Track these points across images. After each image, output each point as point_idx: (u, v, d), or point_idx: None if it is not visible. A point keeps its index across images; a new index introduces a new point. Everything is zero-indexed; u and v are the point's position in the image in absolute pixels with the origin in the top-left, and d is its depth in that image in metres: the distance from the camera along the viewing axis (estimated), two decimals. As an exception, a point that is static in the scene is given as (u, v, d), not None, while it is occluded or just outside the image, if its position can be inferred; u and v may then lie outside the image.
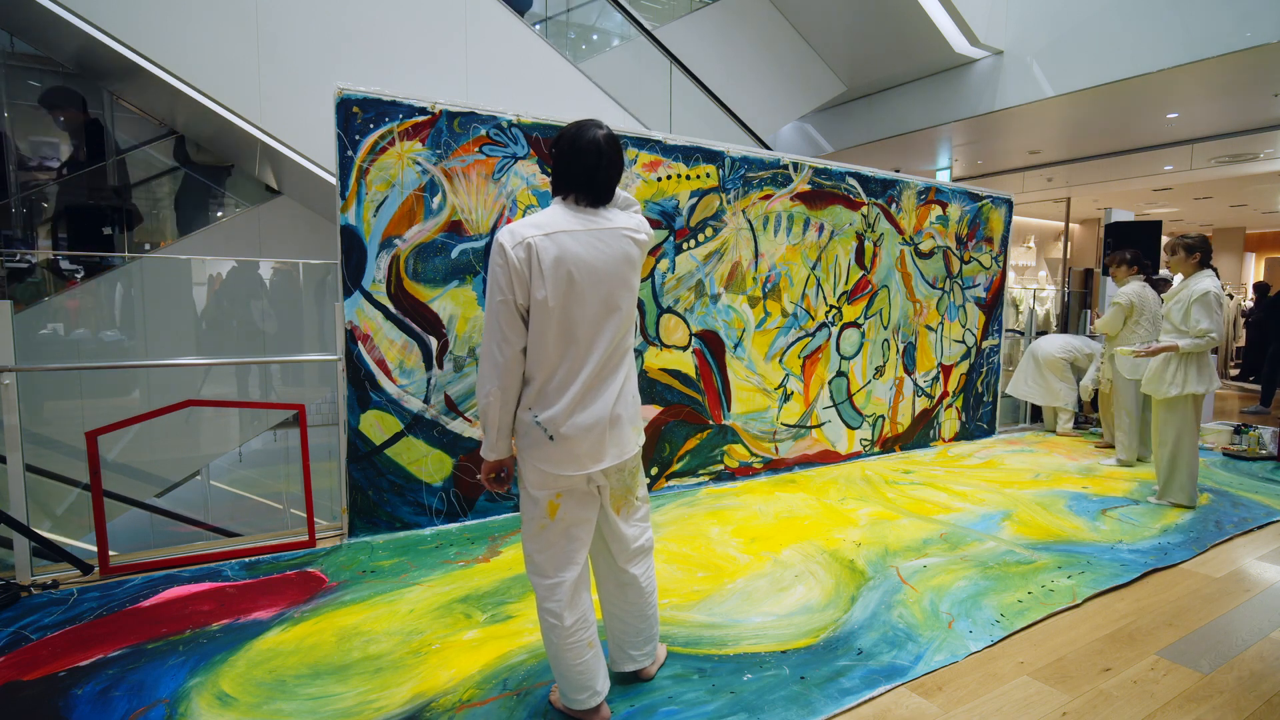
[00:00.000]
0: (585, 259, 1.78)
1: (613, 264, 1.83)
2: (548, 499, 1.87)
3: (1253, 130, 7.87)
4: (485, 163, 3.45)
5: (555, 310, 1.76)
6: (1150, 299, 4.95)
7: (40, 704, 1.99)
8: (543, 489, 1.86)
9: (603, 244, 1.82)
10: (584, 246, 1.79)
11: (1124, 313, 4.94)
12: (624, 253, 1.85)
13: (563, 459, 1.82)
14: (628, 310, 1.89)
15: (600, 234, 1.82)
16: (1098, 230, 11.63)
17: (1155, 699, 2.16)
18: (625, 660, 2.12)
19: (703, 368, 4.26)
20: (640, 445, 1.97)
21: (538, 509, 1.89)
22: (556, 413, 1.80)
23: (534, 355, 1.80)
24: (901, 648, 2.40)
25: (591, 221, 1.82)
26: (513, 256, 1.73)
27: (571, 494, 1.88)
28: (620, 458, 1.89)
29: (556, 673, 1.93)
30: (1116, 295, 5.01)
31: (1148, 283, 5.08)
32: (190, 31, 3.86)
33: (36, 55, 5.09)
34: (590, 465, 1.84)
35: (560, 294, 1.75)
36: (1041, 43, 6.93)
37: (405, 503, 3.37)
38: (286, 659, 2.26)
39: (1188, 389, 3.90)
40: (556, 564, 1.89)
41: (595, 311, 1.81)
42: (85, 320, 4.72)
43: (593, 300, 1.80)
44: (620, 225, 1.87)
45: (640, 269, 1.93)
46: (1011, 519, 3.76)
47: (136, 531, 4.82)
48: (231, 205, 5.72)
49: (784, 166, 4.50)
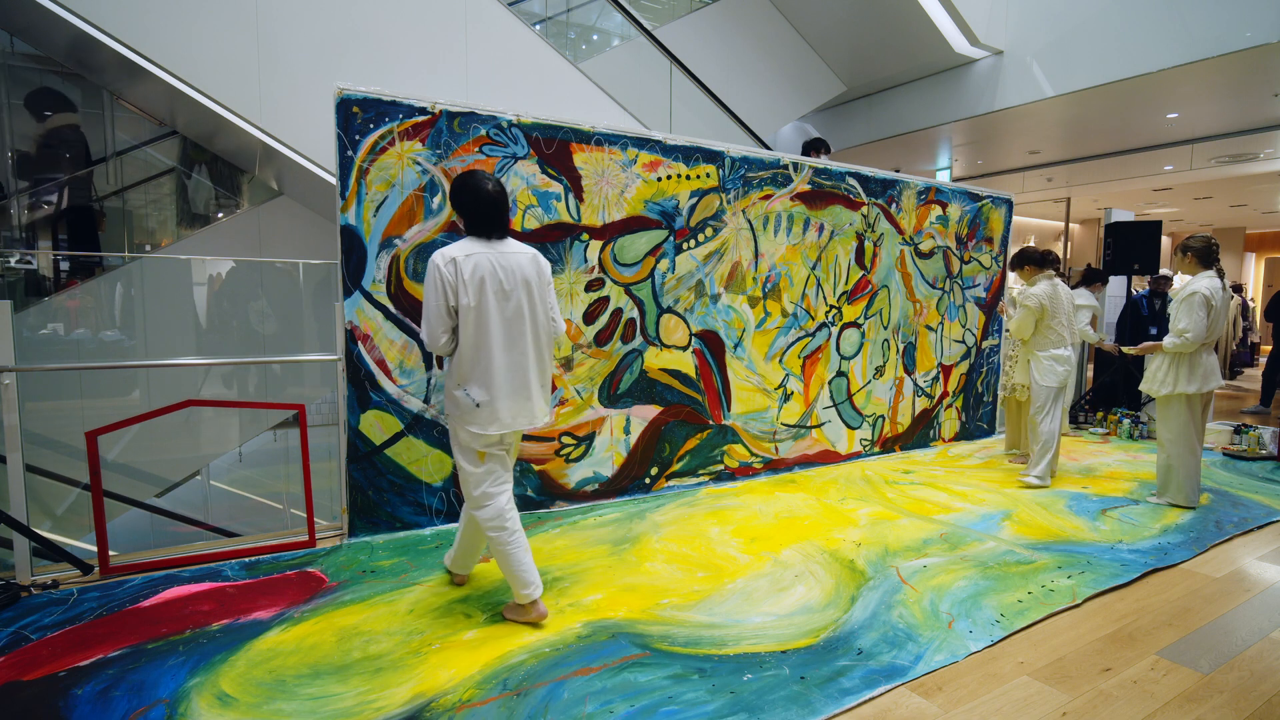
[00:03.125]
0: (494, 274, 2.42)
1: (514, 278, 2.46)
2: (477, 451, 2.51)
3: (1253, 130, 7.88)
4: (485, 163, 3.45)
5: (474, 310, 2.40)
6: (1063, 298, 4.58)
7: (40, 704, 1.99)
8: (471, 444, 2.50)
9: (506, 263, 2.46)
10: (492, 265, 2.43)
11: (1034, 315, 4.51)
12: (523, 268, 2.49)
13: (486, 421, 2.46)
14: (533, 312, 2.51)
15: (503, 256, 2.47)
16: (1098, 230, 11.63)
17: (1155, 699, 2.16)
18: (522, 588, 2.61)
19: (703, 368, 4.26)
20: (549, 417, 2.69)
21: (470, 458, 2.52)
22: (483, 386, 2.44)
23: (461, 345, 2.43)
24: (901, 648, 2.40)
25: (495, 248, 2.47)
26: (445, 270, 2.38)
27: (492, 446, 2.53)
28: (531, 425, 2.56)
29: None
30: (1025, 296, 4.54)
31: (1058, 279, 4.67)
32: (190, 31, 3.86)
33: (36, 55, 5.10)
34: (514, 426, 2.50)
35: (476, 298, 2.40)
36: (1041, 43, 6.93)
37: (405, 503, 3.37)
38: (286, 659, 2.26)
39: (1178, 388, 3.91)
40: (494, 489, 2.53)
41: (505, 313, 2.45)
42: (85, 320, 4.73)
43: (502, 304, 2.44)
44: (516, 250, 2.52)
45: (542, 281, 2.55)
46: (1011, 519, 3.76)
47: (136, 531, 4.82)
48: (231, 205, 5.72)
49: (784, 166, 4.49)
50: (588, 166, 3.74)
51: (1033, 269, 4.65)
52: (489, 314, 2.41)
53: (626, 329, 3.95)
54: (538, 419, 2.56)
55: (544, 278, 2.56)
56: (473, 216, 2.48)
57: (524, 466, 3.70)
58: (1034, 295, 4.51)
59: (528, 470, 3.71)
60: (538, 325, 2.53)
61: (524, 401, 2.51)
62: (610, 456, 3.97)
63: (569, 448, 3.83)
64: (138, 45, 3.76)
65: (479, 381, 2.43)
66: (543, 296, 2.55)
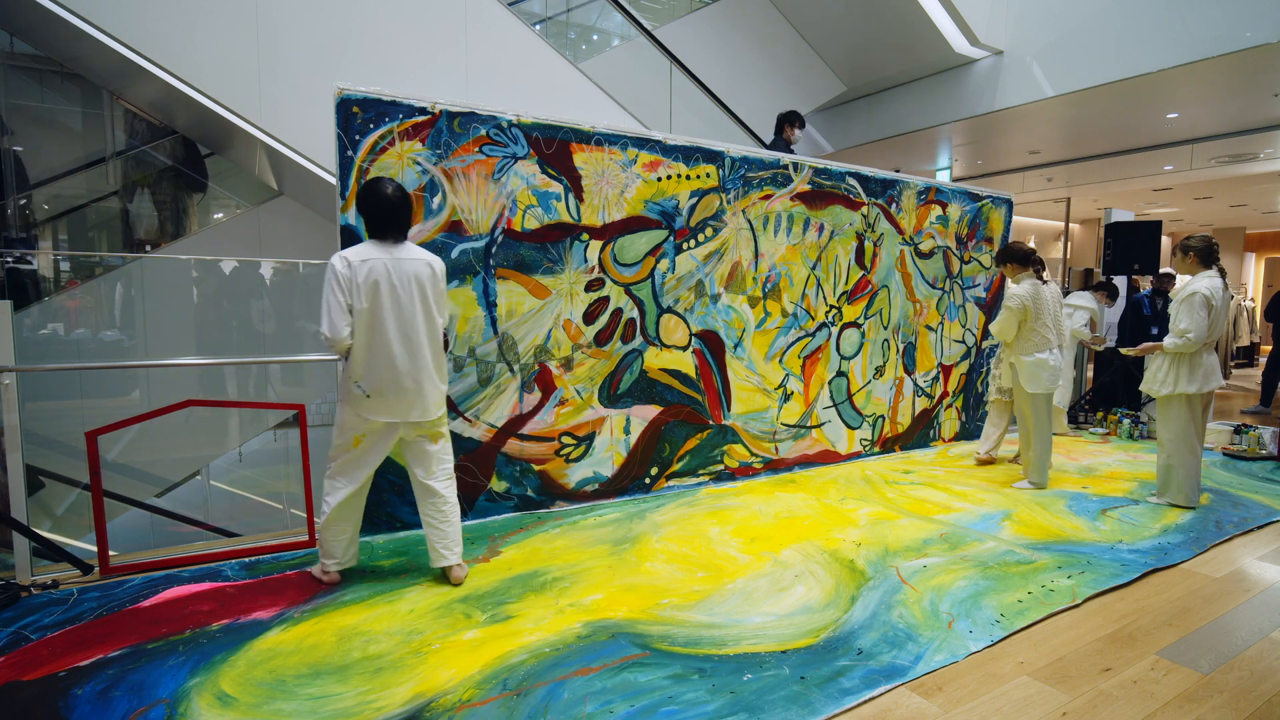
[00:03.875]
0: (388, 277, 2.60)
1: (407, 280, 2.63)
2: (355, 435, 2.72)
3: (1253, 130, 7.88)
4: (485, 163, 3.45)
5: (367, 313, 2.59)
6: (1047, 299, 4.36)
7: (40, 704, 1.99)
8: (352, 429, 2.71)
9: (400, 267, 2.63)
10: (386, 268, 2.60)
11: (1017, 316, 4.28)
12: (416, 272, 2.66)
13: (373, 411, 2.66)
14: (426, 312, 2.68)
15: (398, 261, 2.64)
16: (1098, 230, 11.64)
17: (1155, 699, 2.16)
18: (438, 557, 2.84)
19: (703, 368, 4.26)
20: (443, 411, 2.80)
21: (345, 439, 2.74)
22: (370, 379, 2.64)
23: (355, 344, 2.62)
24: (901, 648, 2.40)
25: (392, 252, 2.64)
26: (341, 272, 2.56)
27: (373, 434, 2.72)
28: (423, 417, 2.72)
29: (320, 544, 2.80)
30: (1008, 297, 4.33)
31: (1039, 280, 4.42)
32: (190, 31, 3.87)
33: (37, 55, 5.10)
34: (396, 417, 2.68)
35: (370, 301, 2.58)
36: (1041, 43, 6.93)
37: (405, 503, 3.36)
38: (286, 659, 2.26)
39: (1178, 388, 3.90)
40: (345, 478, 2.76)
41: (397, 313, 2.62)
42: (85, 320, 4.73)
43: (394, 305, 2.61)
44: (413, 255, 2.68)
45: (436, 285, 2.72)
46: (1011, 519, 3.76)
47: (136, 531, 4.83)
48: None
49: (784, 166, 4.49)
50: (588, 166, 3.74)
51: (1016, 267, 4.45)
52: (383, 315, 2.60)
53: (626, 329, 3.95)
54: (429, 413, 2.74)
55: (438, 284, 2.74)
56: (372, 219, 2.65)
57: (524, 467, 3.70)
58: (1016, 295, 4.29)
59: (528, 470, 3.71)
60: (433, 325, 2.73)
61: (415, 397, 2.69)
62: (610, 456, 3.97)
63: (569, 448, 3.83)
64: (138, 45, 3.76)
65: (372, 377, 2.63)
66: (437, 299, 2.73)
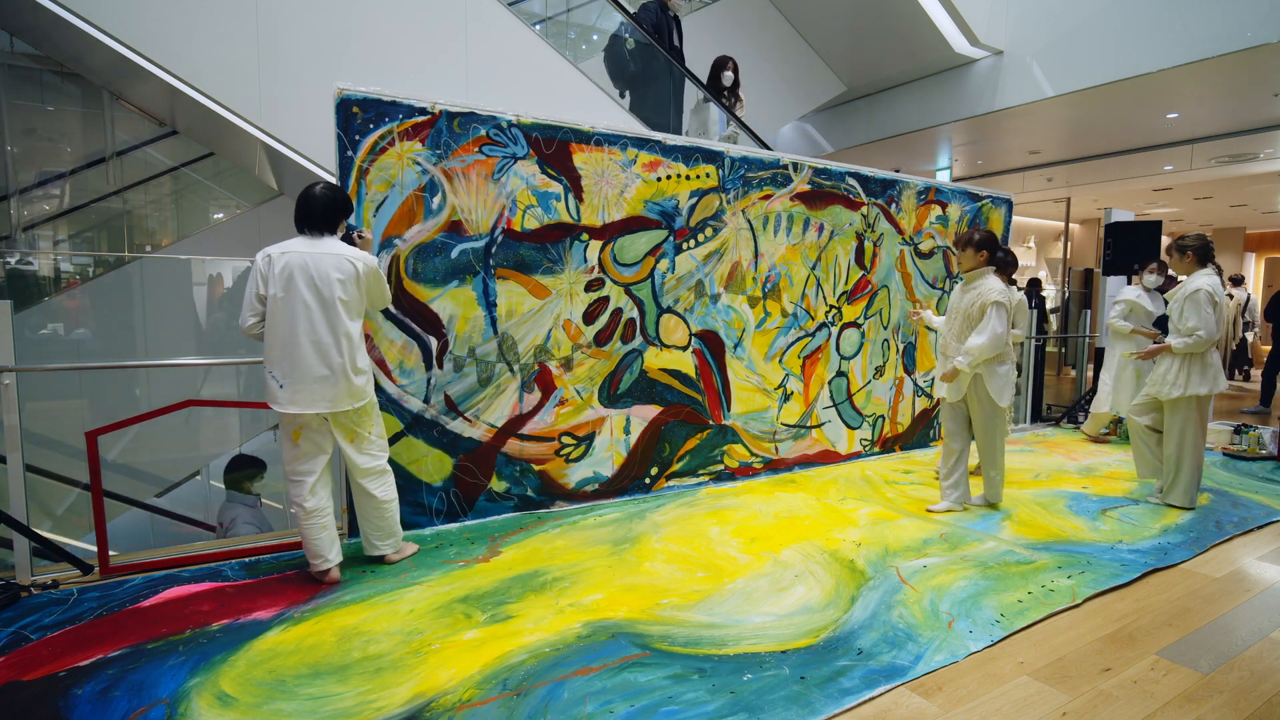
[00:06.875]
0: (305, 269, 2.68)
1: (325, 273, 2.69)
2: (293, 429, 2.77)
3: (1253, 130, 7.88)
4: (485, 163, 3.45)
5: (279, 301, 2.67)
6: (1017, 297, 4.31)
7: (40, 704, 1.99)
8: (288, 425, 2.77)
9: (319, 262, 2.70)
10: (305, 261, 2.69)
11: (1010, 317, 3.84)
12: (336, 265, 2.73)
13: (288, 402, 2.70)
14: (342, 305, 2.72)
15: (319, 255, 2.71)
16: (1098, 230, 11.64)
17: (1155, 699, 2.16)
18: (371, 547, 3.00)
19: (703, 368, 4.26)
20: (360, 402, 2.81)
21: (287, 435, 2.79)
22: (283, 370, 2.68)
23: (268, 332, 2.70)
24: (901, 648, 2.40)
25: (315, 246, 2.74)
26: (260, 264, 2.69)
27: (309, 426, 2.78)
28: (336, 407, 2.75)
29: (305, 546, 2.80)
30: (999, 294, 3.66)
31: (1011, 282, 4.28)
32: (190, 31, 3.86)
33: (37, 55, 5.10)
34: (310, 408, 2.70)
35: (284, 290, 2.66)
36: (1041, 43, 6.93)
37: (405, 502, 3.36)
38: (286, 659, 2.26)
39: (1190, 390, 3.86)
40: (301, 469, 2.79)
41: (310, 304, 2.67)
42: (85, 320, 4.73)
43: (308, 296, 2.67)
44: (334, 250, 2.75)
45: (359, 281, 2.77)
46: (1011, 519, 3.76)
47: (136, 531, 4.83)
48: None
49: (784, 166, 4.49)
50: (587, 166, 3.74)
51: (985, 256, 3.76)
52: (295, 305, 2.67)
53: (626, 329, 3.95)
54: (339, 404, 2.76)
55: (362, 280, 2.79)
56: (298, 214, 2.79)
57: (524, 466, 3.70)
58: (1004, 294, 3.71)
59: (528, 470, 3.71)
60: (351, 315, 2.78)
61: (328, 387, 2.73)
62: (610, 456, 3.97)
63: (569, 448, 3.83)
64: (138, 45, 3.75)
65: (282, 366, 2.69)
66: (361, 294, 2.80)
